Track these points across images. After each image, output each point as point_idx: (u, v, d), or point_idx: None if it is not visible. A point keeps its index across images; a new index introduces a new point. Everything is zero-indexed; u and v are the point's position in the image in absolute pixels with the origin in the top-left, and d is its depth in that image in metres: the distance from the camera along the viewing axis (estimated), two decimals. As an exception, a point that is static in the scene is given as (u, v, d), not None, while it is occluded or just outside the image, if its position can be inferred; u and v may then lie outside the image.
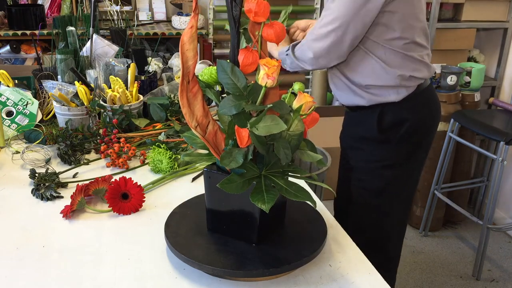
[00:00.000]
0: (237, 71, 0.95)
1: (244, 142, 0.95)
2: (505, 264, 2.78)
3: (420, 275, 2.66)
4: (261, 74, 0.94)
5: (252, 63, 0.97)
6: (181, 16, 3.22)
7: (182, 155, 1.07)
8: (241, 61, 0.96)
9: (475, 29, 2.95)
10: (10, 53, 3.04)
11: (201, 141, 1.02)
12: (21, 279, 1.01)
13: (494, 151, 2.86)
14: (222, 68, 0.95)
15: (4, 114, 1.71)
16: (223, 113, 0.95)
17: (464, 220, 3.14)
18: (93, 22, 2.00)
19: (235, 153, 0.97)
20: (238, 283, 1.01)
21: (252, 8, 0.93)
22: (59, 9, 3.24)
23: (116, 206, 1.25)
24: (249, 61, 0.96)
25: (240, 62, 0.96)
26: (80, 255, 1.09)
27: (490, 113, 2.86)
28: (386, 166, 1.59)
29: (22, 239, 1.15)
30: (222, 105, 0.94)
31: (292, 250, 1.04)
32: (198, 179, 1.45)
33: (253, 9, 0.93)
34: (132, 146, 1.53)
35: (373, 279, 1.04)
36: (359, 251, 1.13)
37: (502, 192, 3.04)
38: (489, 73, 3.17)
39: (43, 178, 1.36)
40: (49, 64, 2.00)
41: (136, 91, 1.74)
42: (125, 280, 1.02)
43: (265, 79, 0.93)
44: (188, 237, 1.08)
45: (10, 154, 1.58)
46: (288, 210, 1.16)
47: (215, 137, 1.02)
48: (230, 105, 0.94)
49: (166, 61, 2.39)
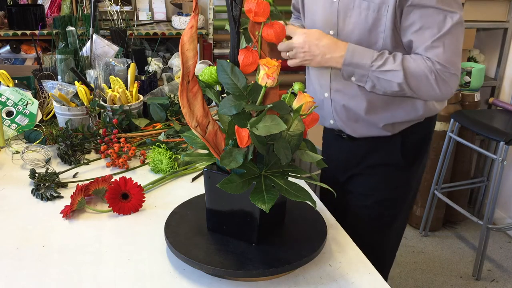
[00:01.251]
0: (237, 71, 0.95)
1: (244, 142, 0.95)
2: (505, 264, 2.78)
3: (420, 275, 2.65)
4: (261, 74, 0.94)
5: (252, 63, 0.97)
6: (181, 16, 3.22)
7: (182, 155, 1.07)
8: (241, 61, 0.96)
9: (475, 29, 2.95)
10: (10, 53, 3.03)
11: (201, 141, 1.02)
12: (21, 279, 1.01)
13: (494, 151, 2.86)
14: (222, 68, 0.95)
15: (4, 114, 1.71)
16: (223, 113, 0.95)
17: (464, 220, 3.14)
18: (93, 22, 2.00)
19: (235, 153, 0.97)
20: (238, 283, 1.01)
21: (252, 8, 0.93)
22: (59, 9, 3.24)
23: (116, 206, 1.25)
24: (249, 61, 0.96)
25: (240, 62, 0.96)
26: (80, 255, 1.09)
27: (490, 113, 2.86)
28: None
29: (22, 239, 1.15)
30: (222, 105, 0.94)
31: (292, 250, 1.05)
32: (198, 179, 1.45)
33: (253, 9, 0.93)
34: (132, 146, 1.53)
35: (373, 279, 1.04)
36: (359, 251, 1.13)
37: (502, 192, 3.03)
38: (489, 73, 3.17)
39: (43, 178, 1.36)
40: (49, 64, 2.00)
41: (136, 91, 1.74)
42: (125, 280, 1.02)
43: (265, 79, 0.93)
44: (188, 237, 1.08)
45: (10, 154, 1.58)
46: (288, 210, 1.16)
47: (215, 137, 1.02)
48: (230, 105, 0.94)
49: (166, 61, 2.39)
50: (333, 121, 1.47)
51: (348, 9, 1.30)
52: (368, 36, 1.29)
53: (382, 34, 1.27)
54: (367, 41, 1.29)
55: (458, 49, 1.26)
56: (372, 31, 1.28)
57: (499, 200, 3.02)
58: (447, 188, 2.96)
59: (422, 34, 1.24)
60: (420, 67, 1.24)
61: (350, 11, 1.30)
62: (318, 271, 1.05)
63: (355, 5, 1.29)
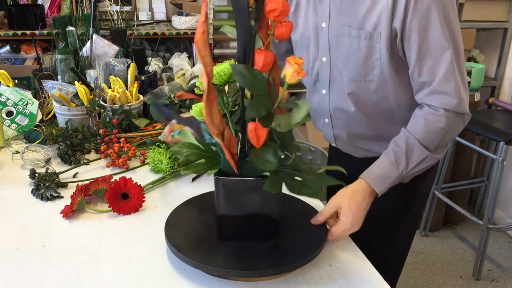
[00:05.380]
0: (256, 72, 0.94)
1: (261, 142, 0.95)
2: (505, 264, 2.78)
3: (420, 275, 2.66)
4: (289, 72, 0.95)
5: (269, 62, 0.96)
6: (181, 16, 3.22)
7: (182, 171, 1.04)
8: (261, 61, 0.95)
9: (475, 29, 2.95)
10: (10, 53, 3.03)
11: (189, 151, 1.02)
12: (21, 279, 1.01)
13: (494, 151, 2.85)
14: (239, 72, 0.93)
15: (4, 114, 1.71)
16: (252, 116, 0.94)
17: (464, 220, 3.14)
18: (93, 22, 2.00)
19: (263, 155, 0.96)
20: (238, 283, 1.01)
21: (278, 8, 0.91)
22: (59, 9, 3.24)
23: (116, 206, 1.25)
24: (267, 60, 0.96)
25: (260, 62, 0.95)
26: (80, 255, 1.09)
27: (490, 113, 2.86)
28: None
29: (22, 239, 1.15)
30: (250, 108, 0.94)
31: (292, 250, 1.05)
32: (198, 179, 1.45)
33: (279, 8, 0.91)
34: (132, 146, 1.53)
35: (373, 279, 1.04)
36: (359, 251, 1.13)
37: (502, 192, 3.03)
38: (489, 73, 3.17)
39: (43, 178, 1.36)
40: (49, 64, 2.00)
41: (136, 91, 1.74)
42: (125, 280, 1.02)
43: (296, 76, 0.94)
44: (188, 237, 1.08)
45: (10, 154, 1.58)
46: (288, 210, 1.16)
47: (230, 142, 1.01)
48: (259, 107, 0.93)
49: (166, 61, 2.39)
50: (334, 144, 1.46)
51: (339, 36, 1.24)
52: (364, 63, 1.22)
53: (378, 61, 1.21)
54: (363, 68, 1.23)
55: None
56: (368, 59, 1.21)
57: (499, 200, 3.02)
58: (447, 188, 2.96)
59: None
60: (429, 129, 1.18)
61: (341, 38, 1.23)
62: (318, 271, 1.05)
63: (344, 33, 1.22)
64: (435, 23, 1.12)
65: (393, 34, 1.16)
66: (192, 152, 1.02)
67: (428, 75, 1.16)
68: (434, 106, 1.18)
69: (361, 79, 1.25)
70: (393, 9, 1.13)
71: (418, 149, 1.19)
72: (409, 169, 1.19)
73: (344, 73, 1.27)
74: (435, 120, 1.18)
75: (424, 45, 1.14)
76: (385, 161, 1.20)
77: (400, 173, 1.19)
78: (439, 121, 1.18)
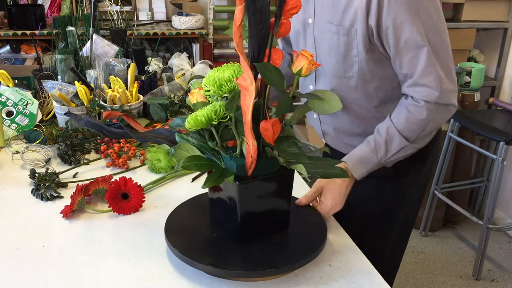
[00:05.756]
0: (277, 69, 0.95)
1: (276, 137, 0.97)
2: (505, 264, 2.78)
3: (420, 275, 2.66)
4: (304, 64, 0.97)
5: (278, 58, 0.97)
6: (181, 16, 3.22)
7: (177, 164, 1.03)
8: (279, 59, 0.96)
9: (475, 29, 2.95)
10: (10, 53, 3.04)
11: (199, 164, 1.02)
12: (21, 279, 1.01)
13: (494, 151, 2.85)
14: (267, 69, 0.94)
15: (4, 114, 1.71)
16: (281, 113, 0.98)
17: (464, 220, 3.14)
18: (93, 22, 2.00)
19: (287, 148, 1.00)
20: (238, 283, 1.01)
21: (298, 5, 0.92)
22: (59, 9, 3.24)
23: (116, 206, 1.25)
24: (280, 58, 0.97)
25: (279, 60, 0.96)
26: (80, 255, 1.09)
27: (490, 113, 2.86)
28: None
29: (22, 239, 1.15)
30: (280, 106, 0.97)
31: (292, 250, 1.05)
32: (198, 179, 1.45)
33: (299, 5, 0.93)
34: (132, 146, 1.53)
35: (373, 279, 1.04)
36: (359, 251, 1.13)
37: (502, 192, 3.03)
38: (489, 73, 3.17)
39: (43, 178, 1.36)
40: (49, 64, 2.00)
41: (136, 91, 1.73)
42: (125, 280, 1.02)
43: (310, 68, 0.98)
44: (188, 237, 1.08)
45: (10, 154, 1.58)
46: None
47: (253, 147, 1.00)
48: (287, 104, 0.97)
49: (166, 61, 2.39)
50: (324, 140, 1.49)
51: (323, 32, 1.27)
52: (343, 59, 1.25)
53: (356, 57, 1.23)
54: (343, 64, 1.26)
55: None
56: (347, 55, 1.24)
57: (499, 200, 3.02)
58: (447, 188, 2.96)
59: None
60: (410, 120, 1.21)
61: (324, 34, 1.27)
62: (318, 271, 1.05)
63: (327, 29, 1.25)
64: (409, 20, 1.14)
65: (370, 31, 1.19)
66: (201, 164, 1.02)
67: (408, 68, 1.20)
68: (416, 98, 1.21)
69: (341, 75, 1.28)
70: (367, 7, 1.16)
71: (397, 139, 1.23)
72: (387, 157, 1.24)
73: (327, 69, 1.31)
74: (417, 111, 1.21)
75: (401, 41, 1.17)
76: (366, 148, 1.25)
77: (379, 160, 1.24)
78: (420, 112, 1.20)
